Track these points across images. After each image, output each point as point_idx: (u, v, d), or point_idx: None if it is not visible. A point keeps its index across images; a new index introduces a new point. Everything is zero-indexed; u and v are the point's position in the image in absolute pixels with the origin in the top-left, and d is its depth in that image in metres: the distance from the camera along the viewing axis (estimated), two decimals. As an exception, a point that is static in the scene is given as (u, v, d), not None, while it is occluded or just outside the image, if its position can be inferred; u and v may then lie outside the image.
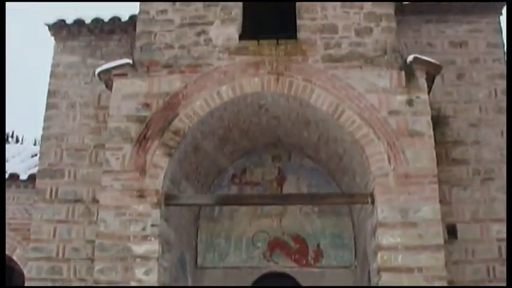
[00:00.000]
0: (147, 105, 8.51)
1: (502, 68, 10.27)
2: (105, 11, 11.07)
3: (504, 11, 10.61)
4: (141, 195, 8.08)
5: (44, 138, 10.37)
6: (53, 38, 11.01)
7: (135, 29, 9.21)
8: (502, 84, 10.15)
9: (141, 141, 8.34)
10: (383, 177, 7.93)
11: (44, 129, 10.44)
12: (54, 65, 10.81)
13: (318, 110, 8.41)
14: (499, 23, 10.59)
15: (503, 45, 10.44)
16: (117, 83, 8.70)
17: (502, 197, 9.41)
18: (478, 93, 10.13)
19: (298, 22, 8.84)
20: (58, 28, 10.92)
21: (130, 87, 8.63)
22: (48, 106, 10.53)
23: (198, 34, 8.87)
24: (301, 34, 8.74)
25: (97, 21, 10.76)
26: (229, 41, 8.78)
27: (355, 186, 9.06)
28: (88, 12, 11.12)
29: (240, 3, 9.07)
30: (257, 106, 8.84)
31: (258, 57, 8.60)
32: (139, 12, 9.17)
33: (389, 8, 8.88)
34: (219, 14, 8.97)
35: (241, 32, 8.90)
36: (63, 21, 10.86)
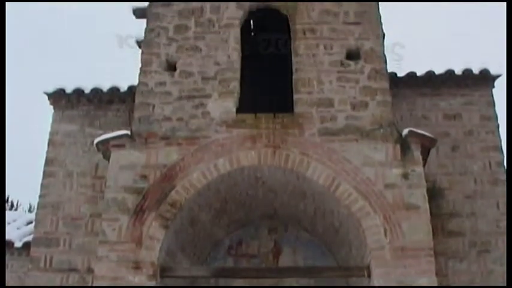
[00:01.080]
0: (144, 177, 8.53)
1: (496, 140, 10.42)
2: (104, 81, 11.22)
3: (497, 83, 10.83)
4: (137, 266, 8.02)
5: (40, 206, 10.37)
6: (52, 106, 11.13)
7: (133, 100, 9.32)
8: (497, 156, 10.29)
9: (138, 213, 8.33)
10: (379, 250, 7.92)
11: (40, 197, 10.44)
12: (53, 133, 10.90)
13: (315, 183, 8.44)
14: (492, 96, 10.78)
15: (497, 118, 10.60)
16: (115, 154, 8.75)
17: (499, 269, 9.41)
18: (472, 165, 10.24)
19: (295, 96, 8.97)
20: (57, 97, 11.06)
21: (128, 158, 8.67)
22: (45, 174, 10.57)
23: (196, 107, 8.98)
24: (298, 108, 8.86)
25: (96, 91, 10.93)
26: (226, 114, 8.88)
27: (352, 258, 9.03)
28: (87, 82, 11.29)
29: (238, 77, 9.22)
30: (254, 179, 8.88)
31: (255, 130, 8.69)
32: (138, 84, 9.30)
33: (384, 83, 9.03)
34: (217, 87, 9.10)
35: (239, 105, 9.02)
36: (63, 90, 11.02)
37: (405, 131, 8.56)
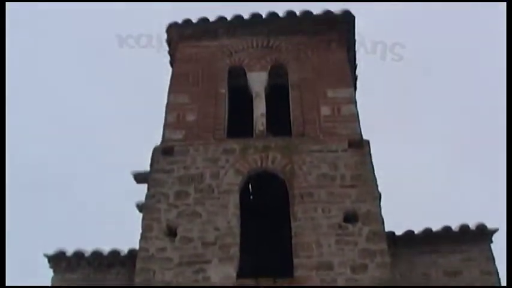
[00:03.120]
0: None
1: (499, 295, 10.35)
2: (105, 243, 11.32)
3: (494, 238, 10.91)
4: None
5: None
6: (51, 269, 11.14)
7: (133, 263, 9.33)
8: (501, 311, 10.18)
9: None
10: None
11: None
12: (53, 300, 10.83)
13: None
14: (491, 251, 10.80)
15: (498, 273, 10.58)
16: (115, 323, 8.72)
17: None
18: (478, 322, 10.13)
19: (295, 260, 8.99)
20: (57, 260, 11.07)
21: (129, 325, 8.64)
22: None
23: (197, 272, 8.98)
24: (298, 272, 8.87)
25: (96, 254, 10.97)
26: (227, 279, 8.88)
27: None
28: (87, 243, 11.37)
29: (238, 242, 9.31)
30: None
31: (256, 293, 8.69)
32: (139, 250, 9.34)
33: (382, 244, 9.10)
34: (217, 253, 9.14)
35: (239, 270, 9.03)
36: (63, 253, 11.05)
37: (406, 294, 8.57)
